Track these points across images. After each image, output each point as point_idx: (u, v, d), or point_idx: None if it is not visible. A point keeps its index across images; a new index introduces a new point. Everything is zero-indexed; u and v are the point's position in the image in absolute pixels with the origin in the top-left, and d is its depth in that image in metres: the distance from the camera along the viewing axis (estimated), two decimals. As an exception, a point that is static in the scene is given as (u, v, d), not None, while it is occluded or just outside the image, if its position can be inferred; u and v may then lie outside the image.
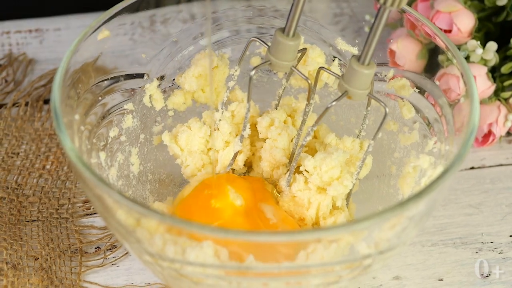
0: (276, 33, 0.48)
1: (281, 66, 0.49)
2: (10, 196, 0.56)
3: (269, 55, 0.49)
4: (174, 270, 0.44)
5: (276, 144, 0.52)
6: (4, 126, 0.61)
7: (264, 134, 0.53)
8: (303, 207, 0.50)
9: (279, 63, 0.48)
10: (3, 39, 0.68)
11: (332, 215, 0.50)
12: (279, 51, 0.48)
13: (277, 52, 0.48)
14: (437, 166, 0.48)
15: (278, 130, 0.52)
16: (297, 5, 0.46)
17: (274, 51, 0.48)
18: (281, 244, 0.41)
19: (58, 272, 0.52)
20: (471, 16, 0.59)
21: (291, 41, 0.48)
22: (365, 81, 0.46)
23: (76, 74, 0.49)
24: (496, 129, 0.59)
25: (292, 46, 0.48)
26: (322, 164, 0.49)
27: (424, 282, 0.52)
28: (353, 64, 0.46)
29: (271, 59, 0.48)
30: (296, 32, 0.48)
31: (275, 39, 0.48)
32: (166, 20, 0.56)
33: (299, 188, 0.50)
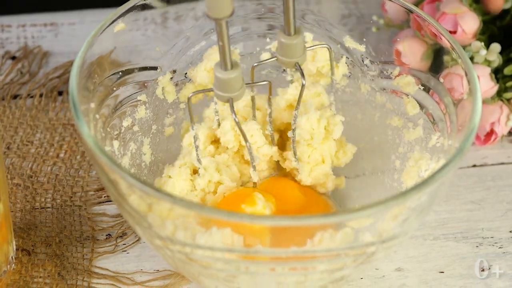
0: (278, 34, 0.49)
1: (289, 64, 0.50)
2: (25, 183, 0.58)
3: (277, 55, 0.50)
4: (184, 254, 0.46)
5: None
6: (19, 115, 0.63)
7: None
8: (320, 164, 0.52)
9: (287, 60, 0.50)
10: (18, 32, 0.70)
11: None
12: (284, 50, 0.49)
13: (283, 51, 0.49)
14: (440, 160, 0.50)
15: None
16: (287, 4, 0.48)
17: (280, 51, 0.50)
18: (286, 228, 0.43)
19: (70, 258, 0.54)
20: (475, 18, 0.61)
21: (294, 40, 0.49)
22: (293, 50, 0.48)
23: (92, 66, 0.51)
24: (498, 128, 0.60)
25: (295, 44, 0.49)
26: (313, 121, 0.51)
27: (425, 274, 0.54)
28: (280, 37, 0.48)
29: (278, 57, 0.50)
30: (297, 28, 0.49)
31: (278, 41, 0.49)
32: (178, 17, 0.57)
33: (307, 153, 0.52)
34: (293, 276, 0.46)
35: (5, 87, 0.65)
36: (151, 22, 0.56)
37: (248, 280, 0.47)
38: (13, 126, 0.62)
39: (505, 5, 0.63)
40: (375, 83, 0.56)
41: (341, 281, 0.48)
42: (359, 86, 0.57)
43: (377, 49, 0.56)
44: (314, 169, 0.54)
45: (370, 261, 0.47)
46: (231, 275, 0.46)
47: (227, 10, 0.43)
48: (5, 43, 0.69)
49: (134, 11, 0.53)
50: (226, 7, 0.43)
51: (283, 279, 0.46)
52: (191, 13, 0.57)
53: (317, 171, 0.54)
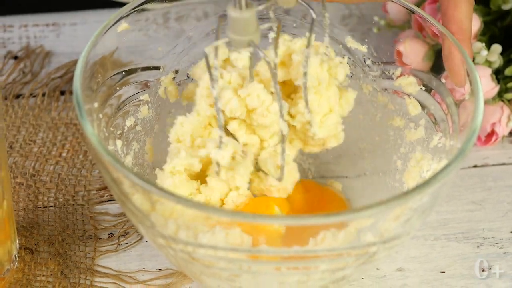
0: (227, 9, 0.45)
1: (242, 42, 0.46)
2: (28, 182, 0.58)
3: (229, 33, 0.46)
4: (187, 254, 0.46)
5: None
6: (22, 114, 0.63)
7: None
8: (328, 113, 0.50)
9: (240, 39, 0.46)
10: (20, 32, 0.70)
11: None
12: (236, 27, 0.45)
13: (235, 29, 0.45)
14: (442, 160, 0.50)
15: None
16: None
17: (233, 28, 0.45)
18: (288, 228, 0.43)
19: (73, 257, 0.54)
20: (476, 19, 0.61)
21: (246, 14, 0.45)
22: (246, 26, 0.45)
23: (95, 66, 0.51)
24: (499, 129, 0.60)
25: (248, 19, 0.45)
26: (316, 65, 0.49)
27: (427, 274, 0.54)
28: (231, 11, 0.45)
29: (230, 37, 0.46)
30: (249, 2, 0.45)
31: (229, 16, 0.45)
32: (180, 17, 0.58)
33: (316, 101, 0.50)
34: (295, 276, 0.46)
35: (7, 87, 0.65)
36: (153, 23, 0.57)
37: (250, 280, 0.47)
38: (15, 125, 0.62)
39: (506, 6, 0.63)
40: (377, 83, 0.56)
41: (342, 281, 0.48)
42: (361, 86, 0.57)
43: (378, 50, 0.56)
44: (324, 119, 0.51)
45: (372, 261, 0.47)
46: (234, 274, 0.46)
47: None
48: (7, 43, 0.69)
49: (137, 12, 0.53)
50: None
51: (285, 279, 0.46)
52: (192, 13, 0.58)
53: (328, 121, 0.51)
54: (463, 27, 0.51)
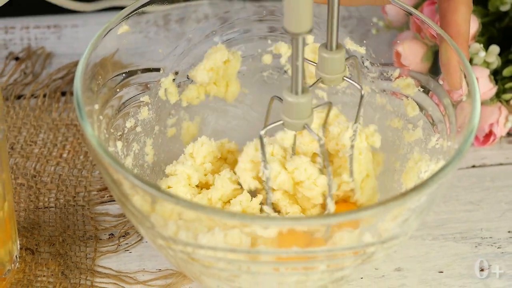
0: (319, 49, 0.48)
1: (332, 80, 0.49)
2: (29, 182, 0.59)
3: (317, 71, 0.49)
4: (186, 254, 0.46)
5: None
6: (23, 115, 0.64)
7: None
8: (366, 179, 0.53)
9: (330, 77, 0.48)
10: (22, 33, 0.70)
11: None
12: (326, 66, 0.48)
13: (324, 68, 0.48)
14: (439, 161, 0.51)
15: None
16: (332, 18, 0.46)
17: (321, 67, 0.48)
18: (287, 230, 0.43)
19: (73, 257, 0.54)
20: (475, 20, 0.62)
21: (336, 54, 0.48)
22: (337, 66, 0.47)
23: (96, 67, 0.51)
24: (497, 129, 0.61)
25: (337, 59, 0.48)
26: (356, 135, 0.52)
27: (425, 274, 0.54)
28: (322, 52, 0.47)
29: (321, 75, 0.48)
30: (339, 44, 0.48)
31: (320, 56, 0.48)
32: (180, 19, 0.58)
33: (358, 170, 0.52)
34: (294, 276, 0.47)
35: (9, 88, 0.66)
36: (154, 25, 0.57)
37: (250, 280, 0.47)
38: (16, 126, 0.63)
39: (504, 7, 0.64)
40: (375, 84, 0.57)
41: (341, 281, 0.49)
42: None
43: (377, 51, 0.57)
44: (363, 185, 0.53)
45: (370, 261, 0.48)
46: (233, 274, 0.47)
47: (307, 25, 0.41)
48: (9, 44, 0.70)
49: (137, 14, 0.54)
50: (306, 22, 0.41)
51: (284, 279, 0.47)
52: (193, 15, 0.58)
53: (366, 186, 0.53)
54: (461, 31, 0.51)
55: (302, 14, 0.41)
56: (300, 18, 0.41)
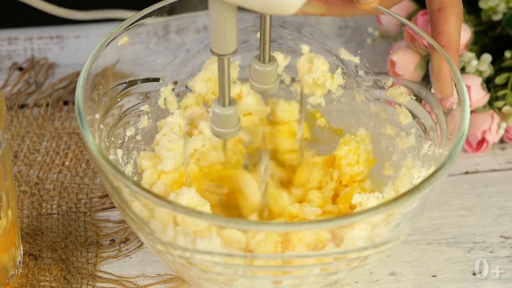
0: (252, 61, 0.51)
1: (263, 91, 0.52)
2: (32, 190, 0.60)
3: (251, 82, 0.52)
4: (184, 259, 0.48)
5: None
6: (26, 124, 0.65)
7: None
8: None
9: (261, 87, 0.52)
10: (25, 44, 0.72)
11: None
12: (259, 77, 0.51)
13: (258, 79, 0.52)
14: (431, 168, 0.52)
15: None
16: (264, 33, 0.50)
17: (255, 78, 0.52)
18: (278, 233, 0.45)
19: (75, 263, 0.55)
20: (467, 29, 0.63)
21: (268, 67, 0.51)
22: (270, 77, 0.50)
23: (97, 77, 0.53)
24: (490, 136, 0.62)
25: (270, 71, 0.51)
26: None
27: (418, 278, 0.55)
28: (255, 64, 0.50)
29: (254, 86, 0.52)
30: (272, 56, 0.51)
31: (252, 67, 0.51)
32: (180, 30, 0.59)
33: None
34: (289, 280, 0.48)
35: (12, 97, 0.67)
36: (153, 35, 0.58)
37: (246, 284, 0.48)
38: (20, 135, 0.64)
39: (496, 16, 0.65)
40: (369, 93, 0.58)
41: (336, 285, 0.50)
42: (354, 96, 0.59)
43: (371, 61, 0.58)
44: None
45: (364, 265, 0.49)
46: (230, 278, 0.48)
47: (231, 47, 0.45)
48: (13, 54, 0.71)
49: (137, 25, 0.55)
50: (230, 45, 0.45)
51: (280, 283, 0.48)
52: (192, 26, 0.59)
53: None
54: (452, 40, 0.52)
55: (227, 38, 0.45)
56: (226, 41, 0.45)
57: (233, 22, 0.44)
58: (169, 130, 0.56)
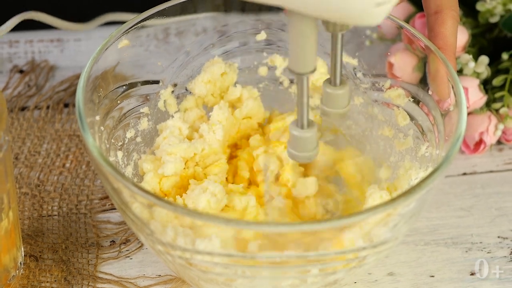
0: (323, 84, 0.49)
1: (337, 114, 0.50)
2: (33, 191, 0.60)
3: (322, 107, 0.50)
4: (184, 260, 0.48)
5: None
6: (27, 126, 0.65)
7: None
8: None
9: (334, 111, 0.50)
10: (26, 47, 0.72)
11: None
12: (330, 101, 0.49)
13: (329, 103, 0.49)
14: (428, 169, 0.52)
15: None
16: (336, 54, 0.47)
17: (325, 101, 0.49)
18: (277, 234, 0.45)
19: (76, 264, 0.56)
20: (464, 32, 0.63)
21: (340, 90, 0.49)
22: (342, 100, 0.49)
23: (97, 80, 0.53)
24: (487, 137, 0.62)
25: (341, 94, 0.49)
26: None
27: (417, 278, 0.56)
28: (327, 88, 0.48)
29: (325, 110, 0.50)
30: (343, 79, 0.49)
31: (324, 91, 0.49)
32: (179, 32, 0.60)
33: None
34: (289, 280, 0.48)
35: (13, 100, 0.68)
36: (153, 38, 0.59)
37: (246, 284, 0.49)
38: (21, 137, 0.65)
39: (493, 19, 0.65)
40: (368, 95, 0.58)
41: (334, 285, 0.50)
42: (353, 98, 0.59)
43: (369, 63, 0.58)
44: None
45: (362, 266, 0.49)
46: (229, 279, 0.48)
47: (311, 65, 0.43)
48: (14, 57, 0.71)
49: (137, 28, 0.55)
50: (310, 62, 0.43)
51: (279, 283, 0.48)
52: (191, 28, 0.60)
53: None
54: (449, 42, 0.53)
55: (306, 56, 0.43)
56: (305, 59, 0.43)
57: (313, 39, 0.42)
58: (170, 133, 0.56)
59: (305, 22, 0.42)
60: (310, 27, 0.42)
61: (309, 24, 0.42)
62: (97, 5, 0.72)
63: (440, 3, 0.53)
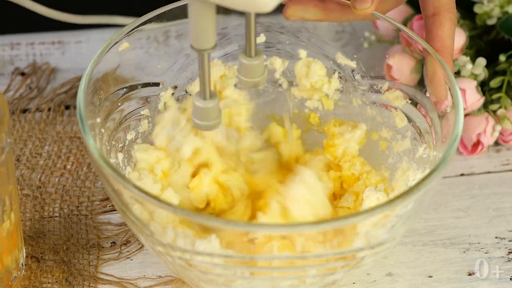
0: (240, 56, 0.52)
1: (250, 84, 0.52)
2: (34, 193, 0.61)
3: (239, 76, 0.52)
4: (184, 261, 0.48)
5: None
6: (28, 128, 0.66)
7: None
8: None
9: (249, 81, 0.52)
10: (27, 49, 0.73)
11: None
12: (246, 71, 0.52)
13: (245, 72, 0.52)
14: (426, 170, 0.53)
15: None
16: (250, 28, 0.50)
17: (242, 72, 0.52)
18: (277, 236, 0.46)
19: (77, 265, 0.56)
20: (462, 34, 0.64)
21: (255, 61, 0.51)
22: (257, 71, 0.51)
23: (98, 82, 0.54)
24: (484, 138, 0.63)
25: (256, 65, 0.51)
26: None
27: (415, 278, 0.56)
28: (242, 58, 0.51)
29: (242, 80, 0.52)
30: (258, 50, 0.51)
31: (240, 62, 0.52)
32: (179, 35, 0.60)
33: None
34: (288, 280, 0.49)
35: (14, 102, 0.68)
36: (153, 41, 0.59)
37: (245, 285, 0.49)
38: (22, 139, 0.65)
39: (491, 21, 0.66)
40: (366, 97, 0.59)
41: (333, 285, 0.50)
42: (351, 100, 0.60)
43: (367, 65, 0.59)
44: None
45: (360, 266, 0.50)
46: (229, 280, 0.49)
47: (210, 42, 0.46)
48: (15, 60, 0.72)
49: (138, 31, 0.56)
50: (209, 40, 0.46)
51: (278, 283, 0.49)
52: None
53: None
54: (446, 45, 0.53)
55: (206, 33, 0.46)
56: (204, 36, 0.46)
57: (212, 18, 0.45)
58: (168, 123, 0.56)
59: (204, 5, 0.45)
60: (209, 10, 0.45)
61: (208, 7, 0.45)
62: (97, 7, 0.73)
63: (438, 6, 0.54)
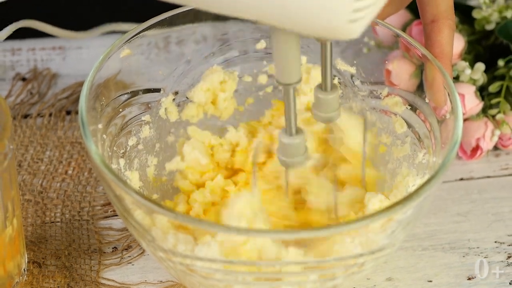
0: (314, 90, 0.50)
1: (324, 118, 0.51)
2: (36, 198, 0.61)
3: (314, 111, 0.51)
4: (185, 266, 0.49)
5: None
6: (30, 134, 0.66)
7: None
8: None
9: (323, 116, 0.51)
10: (28, 55, 0.73)
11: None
12: (321, 105, 0.51)
13: (320, 107, 0.51)
14: (425, 176, 0.53)
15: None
16: (326, 61, 0.48)
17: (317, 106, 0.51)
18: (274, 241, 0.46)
19: (79, 270, 0.57)
20: (461, 39, 0.64)
21: (330, 95, 0.50)
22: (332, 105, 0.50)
23: (99, 88, 0.54)
24: (484, 143, 0.63)
25: (332, 99, 0.50)
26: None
27: (415, 283, 0.57)
28: (318, 93, 0.50)
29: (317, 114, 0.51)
30: (334, 84, 0.50)
31: (315, 96, 0.51)
32: (180, 41, 0.61)
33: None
34: (287, 286, 0.49)
35: (16, 107, 0.68)
36: (154, 47, 0.60)
37: (246, 290, 0.50)
38: (24, 144, 0.65)
39: (489, 26, 0.66)
40: (365, 102, 0.59)
41: (334, 290, 0.51)
42: (351, 105, 0.60)
43: (367, 71, 0.59)
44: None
45: (360, 271, 0.50)
46: (229, 285, 0.49)
47: (296, 76, 0.45)
48: (16, 65, 0.72)
49: (139, 37, 0.56)
50: (295, 73, 0.45)
51: (279, 288, 0.49)
52: (192, 37, 0.60)
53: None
54: (445, 51, 0.54)
55: (291, 68, 0.45)
56: (290, 71, 0.45)
57: (297, 51, 0.44)
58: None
59: (288, 37, 0.43)
60: (292, 41, 0.43)
61: (292, 38, 0.43)
62: (97, 15, 0.73)
63: (437, 13, 0.54)
